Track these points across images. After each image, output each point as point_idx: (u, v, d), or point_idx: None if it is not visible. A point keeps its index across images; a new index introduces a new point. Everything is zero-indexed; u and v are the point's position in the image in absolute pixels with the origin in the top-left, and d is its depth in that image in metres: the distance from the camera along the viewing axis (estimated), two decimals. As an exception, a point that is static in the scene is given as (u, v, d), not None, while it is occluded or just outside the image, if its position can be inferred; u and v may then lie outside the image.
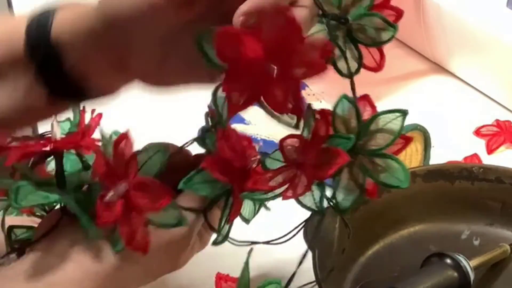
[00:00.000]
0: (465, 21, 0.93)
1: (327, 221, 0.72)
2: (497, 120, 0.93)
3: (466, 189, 0.77)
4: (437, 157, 0.85)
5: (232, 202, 0.58)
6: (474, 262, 0.71)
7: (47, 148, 0.57)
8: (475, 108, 0.96)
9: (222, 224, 0.59)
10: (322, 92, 0.95)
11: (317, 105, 0.92)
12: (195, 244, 0.61)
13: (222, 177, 0.57)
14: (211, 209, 0.59)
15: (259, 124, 0.89)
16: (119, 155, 0.56)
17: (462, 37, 0.95)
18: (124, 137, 0.56)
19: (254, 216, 0.68)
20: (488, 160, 0.89)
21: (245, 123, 0.89)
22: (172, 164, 0.59)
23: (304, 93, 0.95)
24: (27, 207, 0.61)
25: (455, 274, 0.69)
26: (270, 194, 0.57)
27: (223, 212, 0.59)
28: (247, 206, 0.67)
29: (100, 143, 0.57)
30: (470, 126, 0.93)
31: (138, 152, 0.57)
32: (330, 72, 0.97)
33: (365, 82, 1.00)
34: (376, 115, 0.62)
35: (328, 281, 0.67)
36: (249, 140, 0.58)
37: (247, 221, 0.68)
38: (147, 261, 0.57)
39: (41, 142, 0.58)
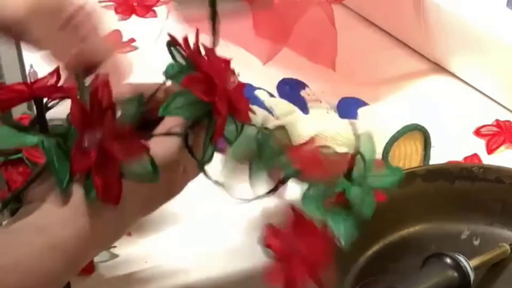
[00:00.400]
0: (465, 21, 0.93)
1: (327, 221, 0.72)
2: (497, 120, 0.93)
3: (466, 189, 0.77)
4: (437, 157, 0.85)
5: (214, 122, 0.58)
6: (474, 262, 0.71)
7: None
8: (475, 108, 0.96)
9: (207, 145, 0.59)
10: (322, 92, 0.95)
11: (317, 105, 0.93)
12: (188, 170, 0.61)
13: (203, 95, 0.57)
14: (192, 133, 0.59)
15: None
16: (96, 103, 0.56)
17: (462, 37, 0.95)
18: (102, 84, 0.56)
19: (237, 136, 0.64)
20: (488, 160, 0.89)
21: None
22: (153, 104, 0.60)
23: (304, 93, 0.95)
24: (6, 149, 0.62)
25: (455, 274, 0.69)
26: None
27: (206, 133, 0.59)
28: (229, 126, 0.63)
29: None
30: (470, 126, 0.93)
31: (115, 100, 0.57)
32: (330, 72, 0.98)
33: (365, 82, 1.01)
34: None
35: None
36: (227, 61, 0.59)
37: (230, 142, 0.64)
38: (137, 195, 0.58)
39: (19, 88, 0.58)
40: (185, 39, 0.59)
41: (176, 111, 0.58)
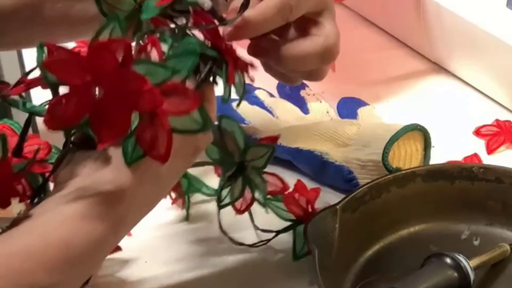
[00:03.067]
0: (465, 21, 0.93)
1: (327, 221, 0.72)
2: (497, 120, 0.93)
3: (466, 189, 0.77)
4: (437, 157, 0.85)
5: (225, 66, 0.61)
6: (474, 262, 0.71)
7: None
8: (475, 108, 0.96)
9: (225, 86, 0.62)
10: (322, 92, 0.95)
11: (317, 105, 0.93)
12: None
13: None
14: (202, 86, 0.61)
15: (260, 124, 0.89)
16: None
17: (462, 37, 0.95)
18: (150, 41, 0.57)
19: (243, 86, 0.67)
20: (488, 160, 0.89)
21: (245, 123, 0.89)
22: None
23: (303, 93, 0.95)
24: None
25: (455, 274, 0.69)
26: None
27: (223, 76, 0.62)
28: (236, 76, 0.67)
29: None
30: (470, 126, 0.93)
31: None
32: (330, 72, 0.98)
33: (365, 82, 1.01)
34: (250, 145, 0.71)
35: (328, 281, 0.67)
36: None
37: (239, 91, 0.67)
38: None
39: None
40: None
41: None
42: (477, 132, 0.92)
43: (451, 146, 0.90)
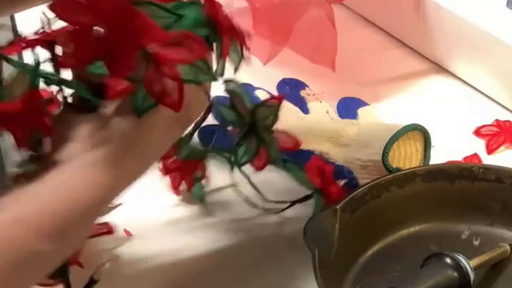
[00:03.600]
0: (465, 21, 0.93)
1: (327, 221, 0.72)
2: (497, 120, 0.93)
3: (466, 189, 0.77)
4: (437, 157, 0.85)
5: (219, 41, 0.62)
6: (474, 262, 0.71)
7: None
8: (475, 108, 0.96)
9: (218, 61, 0.62)
10: (322, 92, 0.95)
11: (317, 105, 0.93)
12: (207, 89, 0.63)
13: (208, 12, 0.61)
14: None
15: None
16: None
17: (462, 37, 0.95)
18: None
19: (240, 61, 0.67)
20: (488, 160, 0.89)
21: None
22: None
23: (304, 93, 0.95)
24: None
25: (455, 274, 0.69)
26: None
27: (216, 52, 0.62)
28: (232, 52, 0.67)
29: None
30: (470, 126, 0.93)
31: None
32: (330, 72, 0.98)
33: (365, 82, 1.01)
34: (258, 105, 0.75)
35: (328, 281, 0.67)
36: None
37: (236, 67, 0.67)
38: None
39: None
40: None
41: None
42: (477, 132, 0.92)
43: (451, 146, 0.90)
